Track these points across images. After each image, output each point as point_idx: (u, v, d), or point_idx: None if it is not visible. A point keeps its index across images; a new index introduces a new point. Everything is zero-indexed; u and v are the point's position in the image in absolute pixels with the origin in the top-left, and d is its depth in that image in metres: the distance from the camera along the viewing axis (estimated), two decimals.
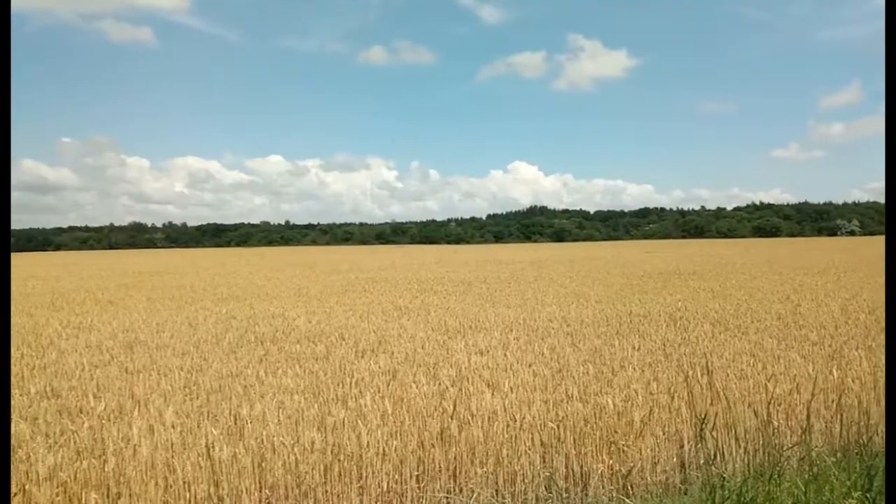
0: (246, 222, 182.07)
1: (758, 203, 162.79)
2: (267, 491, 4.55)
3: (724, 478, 4.54)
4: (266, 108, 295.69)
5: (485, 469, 4.78)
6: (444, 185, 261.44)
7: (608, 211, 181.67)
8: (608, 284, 19.40)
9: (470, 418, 5.05)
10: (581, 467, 4.92)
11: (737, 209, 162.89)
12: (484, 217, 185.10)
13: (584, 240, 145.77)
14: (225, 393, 6.13)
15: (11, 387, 6.50)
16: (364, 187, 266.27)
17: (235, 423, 5.15)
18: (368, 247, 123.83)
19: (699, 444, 4.95)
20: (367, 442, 4.69)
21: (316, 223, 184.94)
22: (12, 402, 5.78)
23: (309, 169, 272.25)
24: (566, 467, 4.95)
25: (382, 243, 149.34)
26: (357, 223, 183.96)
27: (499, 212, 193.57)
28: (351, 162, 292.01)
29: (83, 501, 4.22)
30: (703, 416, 5.01)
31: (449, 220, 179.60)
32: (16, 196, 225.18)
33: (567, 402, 5.54)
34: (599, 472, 4.89)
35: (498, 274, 26.25)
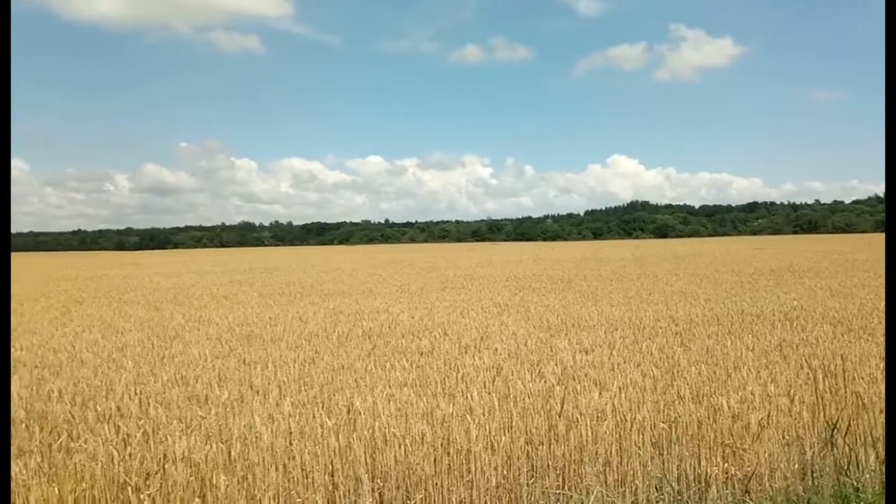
0: (347, 221, 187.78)
1: (881, 195, 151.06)
2: (379, 481, 4.70)
3: (857, 489, 4.28)
4: (365, 110, 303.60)
5: (594, 468, 4.72)
6: (540, 181, 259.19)
7: (714, 206, 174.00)
8: (716, 282, 18.62)
9: (578, 417, 5.00)
10: (695, 470, 4.77)
11: (856, 202, 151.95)
12: (581, 213, 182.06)
13: (689, 236, 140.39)
14: (336, 385, 6.36)
15: (144, 375, 7.02)
16: (460, 185, 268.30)
17: (348, 414, 5.34)
18: (464, 244, 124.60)
19: (827, 451, 4.68)
20: (476, 436, 4.74)
21: (414, 221, 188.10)
22: (149, 388, 6.25)
23: (406, 168, 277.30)
24: (678, 469, 4.82)
25: (478, 240, 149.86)
26: (453, 221, 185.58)
27: (597, 207, 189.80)
28: (447, 160, 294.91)
29: (213, 482, 4.51)
30: (833, 421, 4.73)
31: (545, 217, 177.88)
32: (140, 198, 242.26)
33: (679, 402, 5.38)
34: (714, 475, 4.72)
35: (598, 271, 25.77)
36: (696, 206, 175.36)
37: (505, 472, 4.70)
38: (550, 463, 4.78)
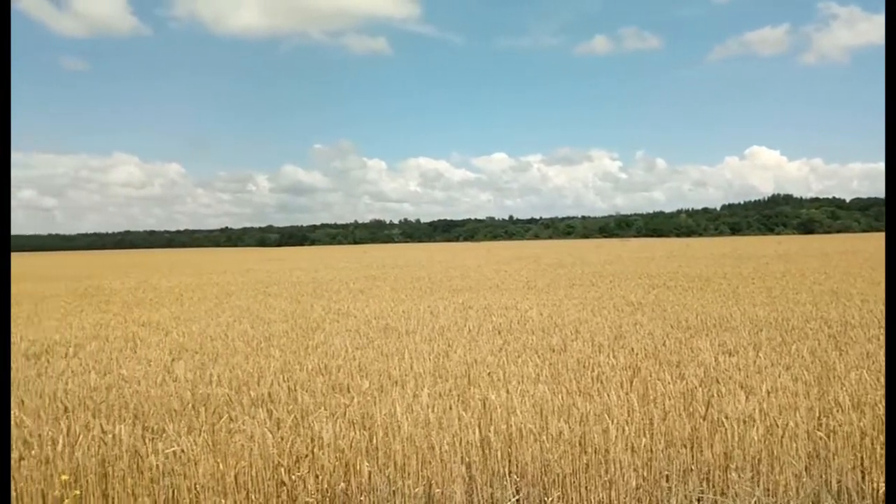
0: (472, 218, 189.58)
1: None
2: (516, 476, 4.73)
3: None
4: (489, 107, 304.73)
5: (742, 475, 4.49)
6: (673, 175, 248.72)
7: (868, 198, 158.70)
8: (873, 281, 17.04)
9: (724, 420, 4.77)
10: (858, 486, 4.41)
11: None
12: (718, 207, 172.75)
13: (839, 231, 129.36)
14: (471, 379, 6.46)
15: (290, 364, 7.46)
16: (586, 180, 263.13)
17: (484, 408, 5.41)
18: (591, 240, 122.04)
19: None
20: (615, 436, 4.65)
21: (538, 217, 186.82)
22: (295, 376, 6.65)
23: (531, 164, 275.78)
24: (838, 483, 4.47)
25: (606, 237, 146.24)
26: (579, 216, 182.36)
27: (735, 201, 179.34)
28: (573, 155, 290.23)
29: (357, 468, 4.73)
30: None
31: (678, 212, 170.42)
32: (279, 197, 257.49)
33: (837, 411, 4.99)
34: (881, 492, 4.34)
35: (739, 269, 24.36)
36: (847, 200, 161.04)
37: (645, 475, 4.57)
38: (694, 468, 4.60)
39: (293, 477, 4.65)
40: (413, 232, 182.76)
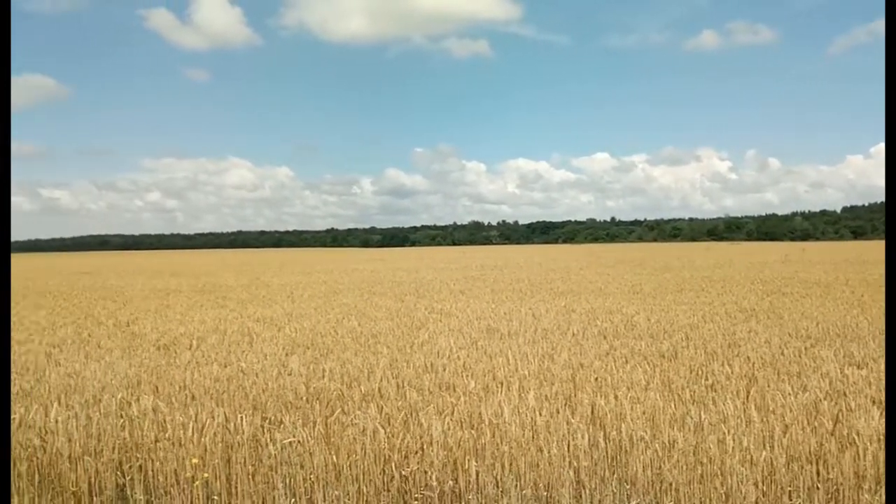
0: (572, 219, 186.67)
1: None
2: (626, 484, 4.63)
3: None
4: (591, 107, 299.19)
5: (876, 498, 4.19)
6: (787, 175, 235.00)
7: None
8: None
9: (856, 437, 4.47)
10: None
11: None
12: (838, 210, 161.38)
13: None
14: (577, 383, 6.37)
15: (397, 361, 7.62)
16: (693, 180, 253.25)
17: (592, 413, 5.33)
18: (699, 243, 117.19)
19: None
20: (732, 447, 4.46)
21: (642, 219, 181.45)
22: (403, 374, 6.80)
23: (635, 164, 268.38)
24: None
25: (714, 240, 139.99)
26: (686, 218, 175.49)
27: (858, 203, 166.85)
28: (679, 155, 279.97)
29: (464, 467, 4.78)
30: None
31: (793, 214, 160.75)
32: (382, 200, 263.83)
33: None
34: None
35: (864, 275, 22.69)
36: None
37: (765, 489, 4.36)
38: (820, 486, 4.33)
39: (403, 472, 4.76)
40: (511, 234, 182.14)
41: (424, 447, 4.79)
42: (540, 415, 5.20)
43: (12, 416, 5.55)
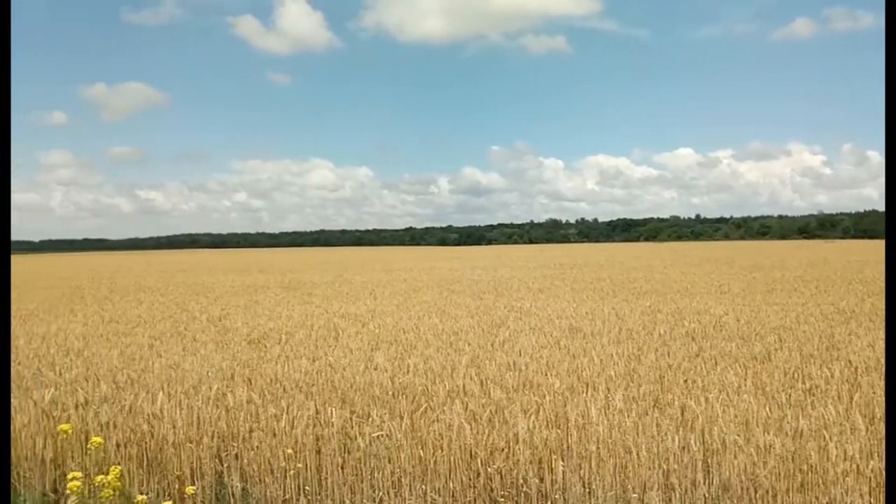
0: (655, 217, 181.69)
1: None
2: (718, 489, 4.49)
3: None
4: (674, 101, 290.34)
5: None
6: None
7: None
8: None
9: None
10: None
11: None
12: None
13: None
14: (665, 384, 6.22)
15: (479, 359, 7.65)
16: (783, 176, 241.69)
17: (682, 415, 5.20)
18: (790, 241, 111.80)
19: None
20: (835, 455, 4.25)
21: (728, 216, 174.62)
22: (486, 371, 6.83)
23: (720, 160, 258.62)
24: None
25: (806, 238, 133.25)
26: (775, 216, 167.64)
27: None
28: (768, 149, 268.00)
29: (551, 466, 4.76)
30: None
31: None
32: (458, 198, 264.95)
33: None
34: None
35: None
36: None
37: (871, 501, 4.13)
38: None
39: (489, 469, 4.79)
40: (590, 232, 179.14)
41: (511, 445, 4.80)
42: (628, 416, 5.11)
43: (122, 403, 5.93)
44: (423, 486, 4.97)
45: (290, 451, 4.99)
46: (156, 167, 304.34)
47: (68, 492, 3.40)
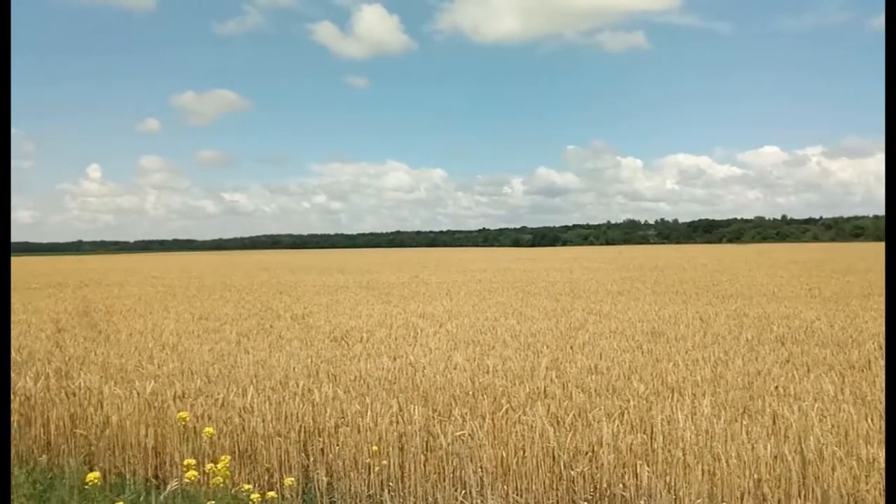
0: (738, 217, 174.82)
1: None
2: (813, 501, 4.30)
3: None
4: (759, 97, 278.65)
5: None
6: None
7: None
8: None
9: None
10: None
11: None
12: None
13: None
14: (755, 391, 6.00)
15: (559, 361, 7.60)
16: (880, 173, 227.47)
17: (774, 423, 5.01)
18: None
19: None
20: None
21: (818, 217, 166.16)
22: (567, 374, 6.77)
23: (809, 157, 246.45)
24: None
25: None
26: (870, 216, 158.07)
27: None
28: (863, 146, 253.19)
29: (634, 470, 4.68)
30: None
31: None
32: (533, 199, 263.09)
33: None
34: None
35: None
36: None
37: None
38: None
39: (572, 472, 4.76)
40: (669, 233, 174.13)
41: (594, 449, 4.75)
42: (716, 422, 4.96)
43: (216, 396, 6.21)
44: (505, 487, 4.98)
45: (375, 447, 5.10)
46: (240, 170, 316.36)
47: (186, 479, 3.60)
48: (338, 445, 5.51)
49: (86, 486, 3.90)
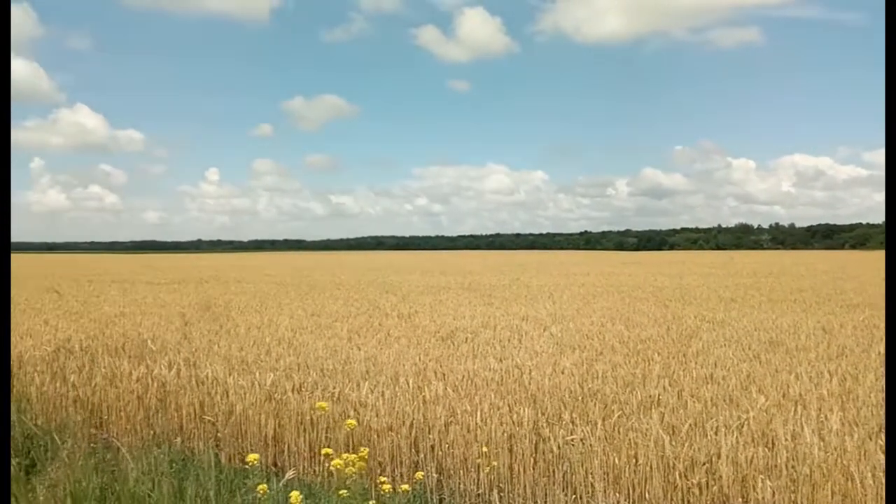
0: (863, 222, 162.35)
1: None
2: None
3: None
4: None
5: None
6: None
7: None
8: None
9: None
10: None
11: None
12: None
13: None
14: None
15: (673, 369, 7.37)
16: None
17: None
18: None
19: None
20: None
21: None
22: (680, 383, 6.57)
23: None
24: None
25: None
26: None
27: None
28: None
29: (755, 484, 4.48)
30: None
31: None
32: (637, 201, 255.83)
33: None
34: None
35: None
36: None
37: None
38: None
39: (688, 482, 4.62)
40: (785, 238, 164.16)
41: (712, 460, 4.59)
42: (847, 439, 4.66)
43: (331, 390, 6.48)
44: (617, 494, 4.91)
45: (485, 447, 5.15)
46: (346, 173, 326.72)
47: (332, 467, 3.76)
48: (447, 443, 5.61)
49: (246, 466, 4.14)
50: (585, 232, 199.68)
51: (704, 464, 4.58)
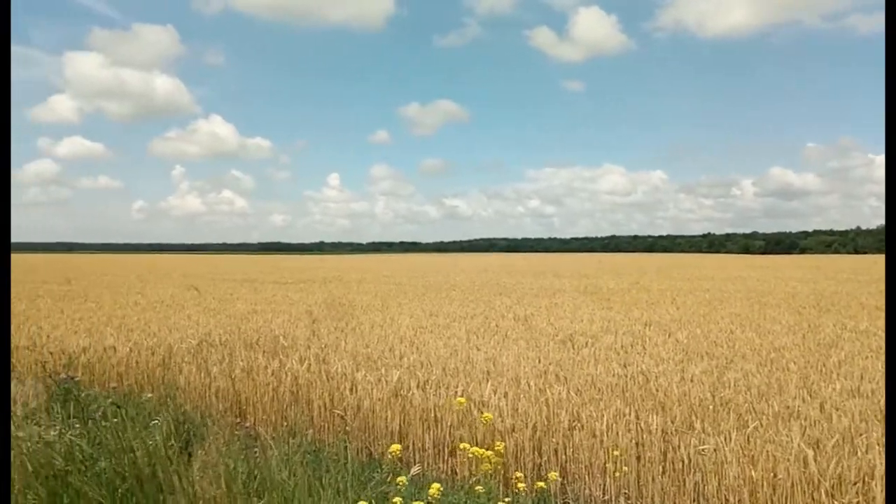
0: None
1: None
2: None
3: None
4: None
5: None
6: None
7: None
8: None
9: None
10: None
11: None
12: None
13: None
14: None
15: (812, 380, 6.92)
16: None
17: None
18: None
19: None
20: None
21: None
22: (822, 395, 6.15)
23: None
24: None
25: None
26: None
27: None
28: None
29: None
30: None
31: None
32: (765, 202, 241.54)
33: None
34: None
35: None
36: None
37: None
38: None
39: (836, 502, 4.32)
40: None
41: (865, 479, 4.27)
42: None
43: (455, 388, 6.59)
44: None
45: (617, 452, 5.06)
46: (458, 177, 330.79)
47: (470, 454, 3.83)
48: (571, 448, 5.56)
49: (390, 454, 4.32)
50: (708, 234, 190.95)
51: (855, 483, 4.27)
